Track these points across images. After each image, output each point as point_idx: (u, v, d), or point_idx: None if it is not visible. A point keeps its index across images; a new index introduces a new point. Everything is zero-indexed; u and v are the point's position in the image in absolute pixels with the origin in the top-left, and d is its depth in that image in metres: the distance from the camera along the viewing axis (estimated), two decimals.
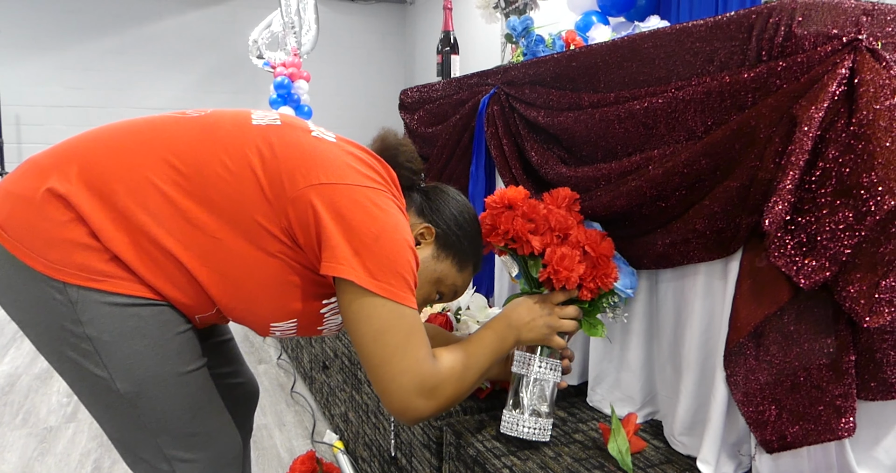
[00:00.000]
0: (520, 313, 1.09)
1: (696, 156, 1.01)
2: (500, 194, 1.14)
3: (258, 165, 0.89)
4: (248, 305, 0.96)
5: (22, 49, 5.93)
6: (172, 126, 0.94)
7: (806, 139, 0.87)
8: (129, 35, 6.27)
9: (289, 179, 0.89)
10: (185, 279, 0.91)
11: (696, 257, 1.07)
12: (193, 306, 0.94)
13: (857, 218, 0.84)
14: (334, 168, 0.91)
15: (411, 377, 0.90)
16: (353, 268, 0.86)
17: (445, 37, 2.26)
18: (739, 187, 0.97)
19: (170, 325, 0.93)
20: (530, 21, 1.74)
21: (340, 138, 1.00)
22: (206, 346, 1.17)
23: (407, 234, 0.92)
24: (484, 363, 1.02)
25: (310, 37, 5.52)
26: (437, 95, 2.04)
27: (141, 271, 0.88)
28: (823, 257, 0.87)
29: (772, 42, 0.93)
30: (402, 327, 0.89)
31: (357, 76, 6.85)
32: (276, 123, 0.96)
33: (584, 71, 1.30)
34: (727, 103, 0.99)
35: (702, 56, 1.04)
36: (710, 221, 1.02)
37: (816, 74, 0.89)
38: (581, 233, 1.11)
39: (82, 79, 6.16)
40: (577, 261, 1.06)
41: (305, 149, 0.92)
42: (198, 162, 0.89)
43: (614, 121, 1.18)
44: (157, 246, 0.88)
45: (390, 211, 0.91)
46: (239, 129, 0.93)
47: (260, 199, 0.89)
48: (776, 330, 1.00)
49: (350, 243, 0.87)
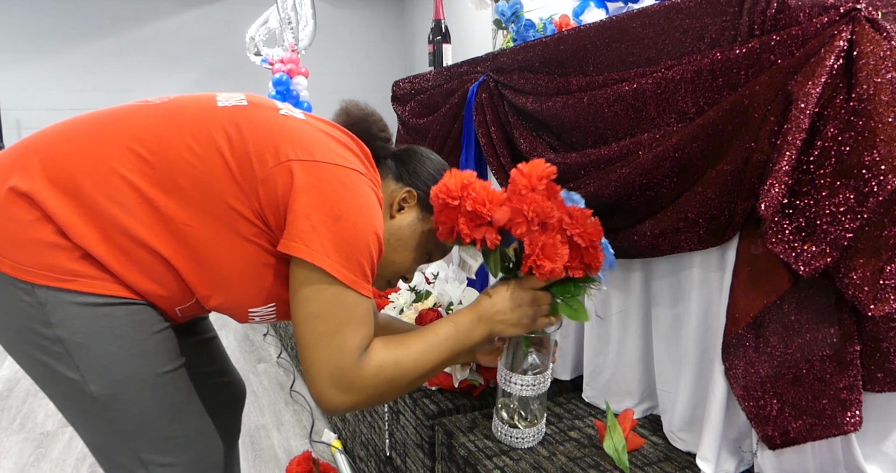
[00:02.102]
0: (493, 303, 0.99)
1: (688, 139, 0.96)
2: (442, 187, 0.96)
3: (226, 147, 0.86)
4: (225, 291, 0.93)
5: (20, 53, 5.90)
6: (135, 114, 0.91)
7: (803, 117, 0.81)
8: (128, 36, 6.23)
9: (258, 159, 0.86)
10: (160, 270, 0.88)
11: (687, 247, 1.02)
12: (172, 297, 0.91)
13: (858, 200, 0.78)
14: (304, 145, 0.88)
15: (328, 368, 0.86)
16: (305, 245, 0.83)
17: (436, 26, 2.20)
18: (733, 171, 0.92)
19: (145, 324, 0.90)
20: (519, 6, 1.68)
21: (310, 116, 0.97)
22: (190, 344, 1.14)
23: (374, 218, 0.88)
24: (434, 360, 0.95)
25: (307, 32, 5.47)
26: (427, 86, 1.99)
27: (114, 266, 0.85)
28: (823, 242, 0.81)
29: (764, 15, 0.87)
30: (337, 313, 0.85)
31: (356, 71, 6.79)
32: (242, 103, 0.93)
33: (572, 54, 1.25)
34: (719, 82, 0.94)
35: (692, 33, 0.99)
36: (702, 208, 0.97)
37: (812, 47, 0.84)
38: (563, 214, 0.95)
39: (82, 81, 6.13)
40: (559, 247, 0.93)
41: (274, 128, 0.89)
42: (163, 149, 0.86)
43: (603, 104, 1.12)
44: (130, 237, 0.84)
45: (358, 191, 0.88)
46: (204, 112, 0.90)
47: (230, 182, 0.86)
48: (776, 320, 0.95)
49: (309, 219, 0.83)
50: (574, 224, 0.95)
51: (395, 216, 1.03)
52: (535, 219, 0.93)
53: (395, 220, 1.03)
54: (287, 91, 5.10)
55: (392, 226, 1.02)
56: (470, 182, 0.96)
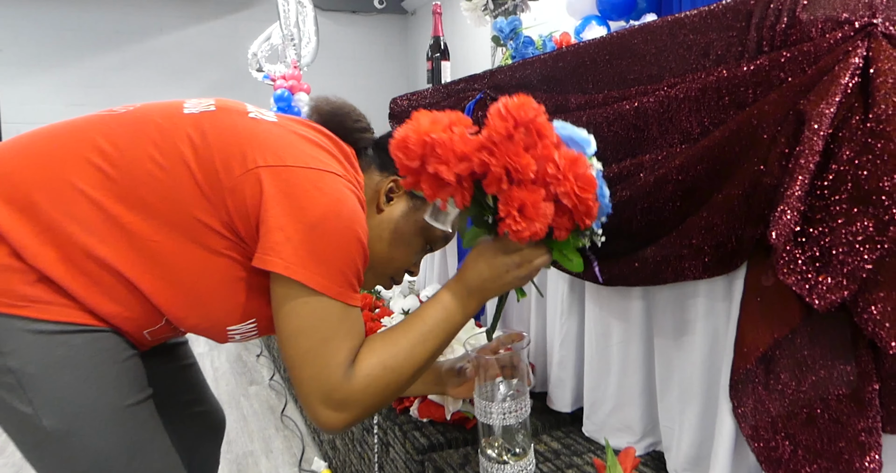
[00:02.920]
0: (480, 271, 0.87)
1: (692, 161, 0.90)
2: (400, 144, 0.79)
3: (191, 156, 0.82)
4: (199, 310, 0.87)
5: (23, 67, 5.91)
6: (96, 125, 0.86)
7: (816, 139, 0.76)
8: (130, 51, 6.24)
9: (224, 167, 0.81)
10: (125, 291, 0.82)
11: (691, 275, 0.96)
12: (139, 320, 0.86)
13: (878, 228, 0.72)
14: (273, 150, 0.82)
15: (317, 387, 0.80)
16: (280, 257, 0.77)
17: (435, 42, 2.16)
18: (741, 196, 0.86)
19: (107, 353, 0.84)
20: (518, 22, 1.64)
21: (282, 117, 0.92)
22: (166, 371, 1.08)
23: (355, 222, 0.82)
24: (428, 350, 0.86)
25: (310, 49, 5.47)
26: (425, 103, 1.94)
27: (73, 289, 0.79)
28: (840, 274, 0.75)
29: (773, 30, 0.82)
30: (320, 328, 0.79)
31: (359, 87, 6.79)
32: (210, 109, 0.88)
33: (571, 71, 1.20)
34: (725, 101, 0.88)
35: (696, 50, 0.93)
36: (708, 234, 0.91)
37: (826, 64, 0.78)
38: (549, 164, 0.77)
39: (84, 96, 6.13)
40: (541, 206, 0.76)
41: (240, 132, 0.84)
42: (125, 161, 0.81)
43: (603, 124, 1.07)
44: (90, 257, 0.79)
45: (335, 195, 0.82)
46: (169, 120, 0.85)
47: (196, 194, 0.81)
48: (787, 356, 0.88)
49: (283, 230, 0.78)
50: (560, 179, 0.76)
51: (385, 209, 0.96)
52: (508, 175, 0.76)
53: (385, 213, 0.96)
54: (288, 107, 5.08)
55: (383, 220, 0.96)
56: (431, 138, 0.77)
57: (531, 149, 0.77)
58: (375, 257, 0.94)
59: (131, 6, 6.17)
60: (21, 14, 5.81)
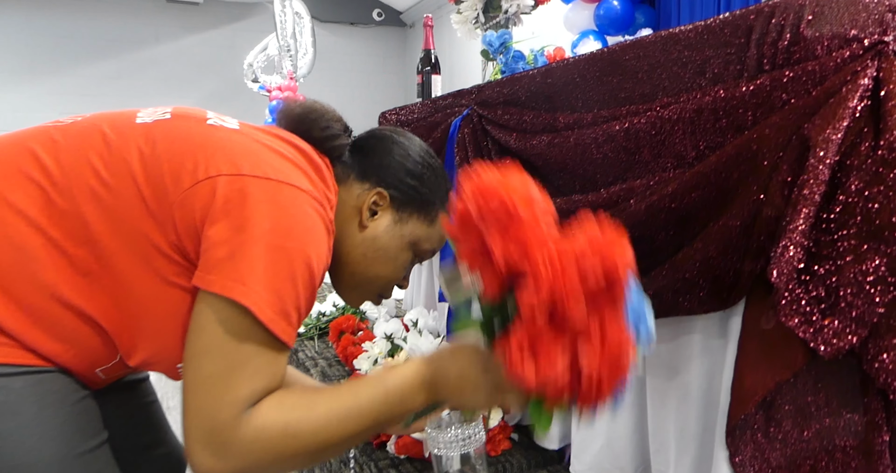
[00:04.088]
0: (447, 373, 0.74)
1: (686, 188, 0.83)
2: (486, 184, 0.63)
3: (139, 171, 0.73)
4: (148, 344, 0.78)
5: (17, 75, 5.86)
6: (38, 137, 0.77)
7: (822, 167, 0.69)
8: (126, 60, 6.20)
9: (173, 180, 0.72)
10: (72, 325, 0.73)
11: (685, 310, 0.89)
12: (90, 357, 0.77)
13: (890, 268, 0.65)
14: (228, 158, 0.74)
15: (201, 421, 0.68)
16: (220, 275, 0.68)
17: (426, 56, 2.10)
18: (739, 227, 0.79)
19: (52, 396, 0.75)
20: (508, 36, 1.58)
21: (246, 125, 0.83)
22: (125, 412, 0.99)
23: (308, 244, 0.72)
24: (347, 431, 0.71)
25: (306, 60, 5.43)
26: (413, 118, 1.88)
27: (9, 325, 0.70)
28: (848, 318, 0.68)
29: (775, 47, 0.75)
30: (232, 353, 0.68)
31: (356, 99, 6.74)
32: (165, 117, 0.80)
33: (560, 88, 1.13)
34: (722, 123, 0.81)
35: (691, 67, 0.87)
36: (703, 267, 0.84)
37: (832, 85, 0.71)
38: (595, 323, 0.59)
39: (78, 105, 6.06)
40: (555, 354, 0.59)
41: (195, 140, 0.76)
42: (67, 178, 0.72)
43: (591, 145, 1.00)
44: (33, 287, 0.71)
45: (291, 211, 0.72)
46: (118, 132, 0.76)
47: (143, 213, 0.72)
48: (790, 401, 0.81)
49: (228, 245, 0.69)
50: (591, 350, 0.59)
51: (368, 225, 0.86)
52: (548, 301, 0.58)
53: (369, 229, 0.86)
54: None
55: (366, 238, 0.87)
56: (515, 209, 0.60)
57: (591, 303, 0.59)
58: (360, 276, 0.88)
59: (128, 15, 6.14)
60: (15, 21, 5.77)
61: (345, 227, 0.86)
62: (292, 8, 5.26)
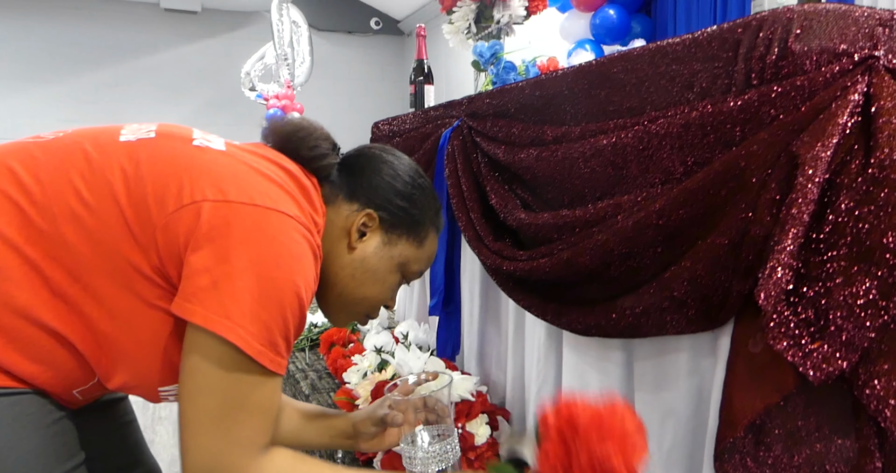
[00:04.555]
0: None
1: (673, 204, 0.81)
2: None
3: (122, 192, 0.71)
4: (127, 367, 0.75)
5: (17, 81, 5.86)
6: (17, 153, 0.75)
7: (811, 186, 0.67)
8: (125, 68, 6.19)
9: (156, 203, 0.70)
10: (48, 346, 0.71)
11: (673, 329, 0.86)
12: (66, 379, 0.75)
13: (881, 291, 0.63)
14: (214, 182, 0.72)
15: (205, 461, 0.68)
16: (202, 305, 0.67)
17: (419, 66, 2.09)
18: (727, 245, 0.77)
19: (27, 419, 0.72)
20: (499, 46, 1.56)
21: (233, 145, 0.81)
22: (102, 432, 0.96)
23: (297, 273, 0.72)
24: None
25: (304, 69, 5.42)
26: (404, 129, 1.86)
27: None
28: (838, 342, 0.65)
29: (763, 62, 0.73)
30: (229, 390, 0.68)
31: (354, 107, 6.73)
32: (149, 136, 0.77)
33: (548, 100, 1.11)
34: (710, 139, 0.79)
35: (679, 81, 0.85)
36: (691, 286, 0.81)
37: (821, 101, 0.70)
38: None
39: (76, 111, 6.06)
40: None
41: (180, 163, 0.74)
42: (47, 197, 0.70)
43: (579, 159, 0.98)
44: (7, 308, 0.68)
45: (279, 239, 0.71)
46: (101, 150, 0.74)
47: (125, 235, 0.70)
48: (780, 426, 0.78)
49: (210, 273, 0.67)
50: None
51: (357, 247, 0.86)
52: None
53: (358, 251, 0.86)
54: None
55: (355, 259, 0.86)
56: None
57: None
58: (348, 297, 0.87)
59: (126, 23, 6.14)
60: (14, 27, 5.77)
61: (333, 248, 0.85)
62: (290, 17, 5.25)
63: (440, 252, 1.48)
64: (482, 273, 1.49)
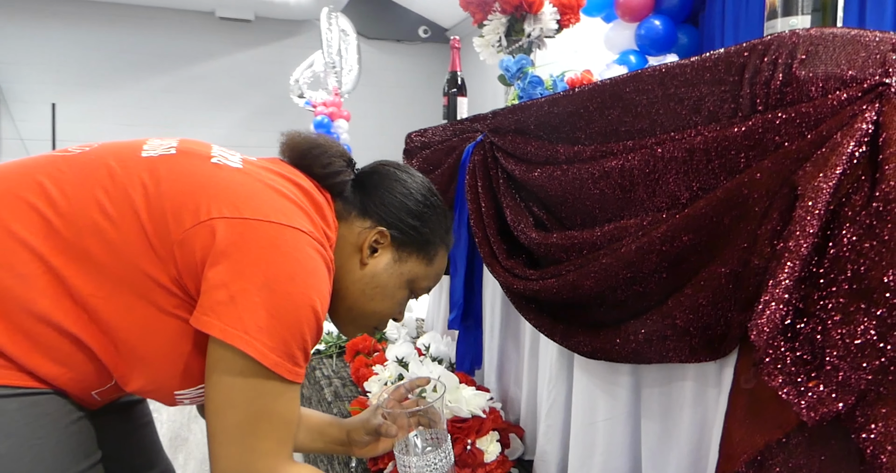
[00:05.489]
0: None
1: (677, 230, 0.79)
2: None
3: (142, 206, 0.75)
4: (145, 372, 0.79)
5: (78, 87, 6.12)
6: (45, 167, 0.79)
7: (810, 218, 0.64)
8: (180, 74, 6.41)
9: (174, 218, 0.74)
10: (69, 350, 0.75)
11: (676, 358, 0.84)
12: (85, 381, 0.78)
13: (880, 332, 0.60)
14: (230, 200, 0.75)
15: (237, 469, 0.72)
16: (220, 319, 0.70)
17: (452, 77, 2.09)
18: (728, 274, 0.75)
19: (47, 418, 0.76)
20: (526, 61, 1.55)
21: (249, 162, 0.84)
22: (120, 433, 1.00)
23: (312, 288, 0.74)
24: None
25: (351, 77, 5.50)
26: (434, 141, 1.86)
27: (9, 349, 0.72)
28: (834, 382, 0.63)
29: (768, 87, 0.71)
30: (253, 403, 0.72)
31: (399, 115, 6.79)
32: (170, 152, 0.81)
33: (564, 119, 1.10)
34: (714, 165, 0.77)
35: (687, 104, 0.83)
36: (693, 315, 0.79)
37: (827, 129, 0.67)
38: None
39: (134, 116, 6.30)
40: None
41: (198, 180, 0.77)
42: (72, 209, 0.74)
43: (588, 180, 0.97)
44: (30, 313, 0.72)
45: (294, 255, 0.74)
46: (123, 164, 0.78)
47: (145, 247, 0.74)
48: (781, 463, 0.75)
49: (227, 288, 0.70)
50: None
51: (368, 263, 0.88)
52: None
53: (369, 267, 0.88)
54: (328, 133, 5.10)
55: (366, 275, 0.89)
56: None
57: None
58: (358, 311, 0.90)
59: (183, 32, 6.35)
60: (79, 37, 6.04)
61: (345, 263, 0.88)
62: (338, 26, 5.35)
63: (460, 266, 1.48)
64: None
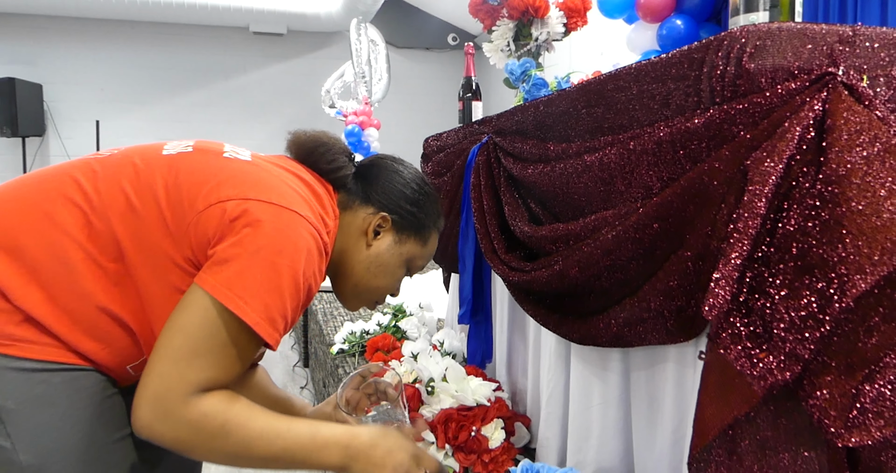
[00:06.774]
0: (371, 446, 0.87)
1: (647, 219, 0.84)
2: None
3: (163, 196, 0.85)
4: None
5: (120, 103, 6.37)
6: (80, 167, 0.90)
7: (757, 201, 0.69)
8: (216, 88, 6.61)
9: (190, 204, 0.84)
10: (106, 328, 0.85)
11: (654, 340, 0.89)
12: (121, 355, 0.88)
13: (821, 305, 0.64)
14: (237, 185, 0.85)
15: (157, 385, 0.78)
16: (213, 276, 0.79)
17: (466, 83, 2.16)
18: (693, 258, 0.79)
19: (85, 392, 0.86)
20: (530, 64, 1.60)
21: (257, 156, 0.95)
22: None
23: (296, 262, 0.82)
24: (268, 451, 0.82)
25: (381, 86, 5.61)
26: (448, 144, 1.93)
27: (56, 328, 0.82)
28: (781, 353, 0.67)
29: (723, 81, 0.76)
30: (202, 339, 0.79)
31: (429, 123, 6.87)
32: (187, 150, 0.92)
33: (557, 118, 1.16)
34: (680, 155, 0.82)
35: (658, 99, 0.88)
36: (665, 298, 0.84)
37: (778, 117, 0.71)
38: None
39: (173, 130, 6.52)
40: None
41: (211, 171, 0.88)
42: (103, 202, 0.85)
43: (573, 175, 1.02)
44: (74, 295, 0.82)
45: (286, 233, 0.83)
46: (147, 162, 0.89)
47: (164, 233, 0.84)
48: (749, 436, 0.79)
49: (226, 253, 0.80)
50: None
51: (372, 244, 1.01)
52: None
53: (373, 248, 1.01)
54: (358, 142, 5.22)
55: (370, 255, 1.01)
56: None
57: None
58: (363, 287, 1.01)
59: (219, 47, 6.56)
60: (120, 55, 6.29)
61: (352, 246, 0.99)
62: (367, 36, 5.46)
63: (469, 263, 1.54)
64: None
